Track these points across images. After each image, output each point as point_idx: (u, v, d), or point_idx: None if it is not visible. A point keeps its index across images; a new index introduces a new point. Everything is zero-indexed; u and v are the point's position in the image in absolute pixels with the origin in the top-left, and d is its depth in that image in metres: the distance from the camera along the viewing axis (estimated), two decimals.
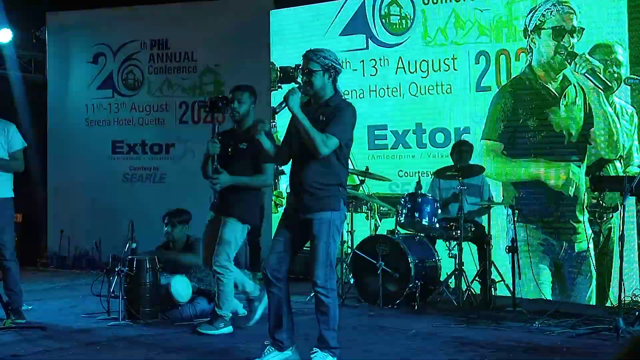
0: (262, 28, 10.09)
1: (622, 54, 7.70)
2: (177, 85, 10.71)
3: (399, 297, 7.05)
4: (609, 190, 6.52)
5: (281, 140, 5.13)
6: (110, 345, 5.47)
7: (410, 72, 9.21)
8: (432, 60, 9.05)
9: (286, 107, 4.59)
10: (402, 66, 9.23)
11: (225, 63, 10.47)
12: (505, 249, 7.14)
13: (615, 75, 7.73)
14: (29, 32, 11.19)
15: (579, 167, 7.87)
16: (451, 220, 7.26)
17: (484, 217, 7.42)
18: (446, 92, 8.97)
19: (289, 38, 9.93)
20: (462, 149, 7.63)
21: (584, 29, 7.95)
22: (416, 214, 7.22)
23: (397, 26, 9.44)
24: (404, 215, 7.30)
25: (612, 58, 7.74)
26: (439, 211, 7.32)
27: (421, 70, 9.14)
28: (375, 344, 5.49)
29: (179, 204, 7.50)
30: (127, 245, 6.51)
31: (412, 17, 9.30)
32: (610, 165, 7.70)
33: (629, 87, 7.70)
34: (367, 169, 7.85)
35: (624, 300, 6.02)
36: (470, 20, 8.83)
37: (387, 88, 9.28)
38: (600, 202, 7.40)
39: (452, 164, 7.52)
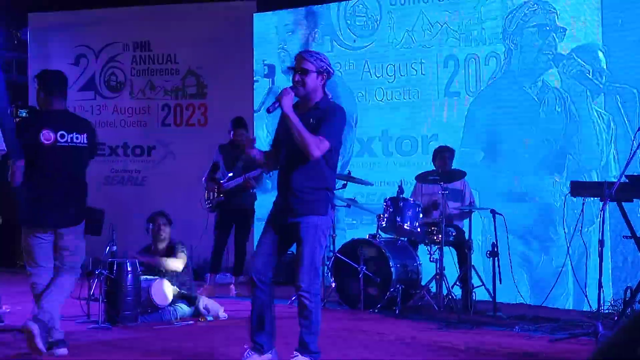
0: (246, 31, 10.09)
1: (601, 57, 7.66)
2: (160, 87, 10.68)
3: (380, 301, 7.06)
4: (589, 196, 6.55)
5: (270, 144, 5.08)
6: (89, 348, 5.44)
7: (377, 77, 9.01)
8: (399, 64, 8.84)
9: (278, 108, 4.57)
10: (367, 70, 9.03)
11: (208, 66, 10.46)
12: (486, 253, 7.16)
13: (596, 81, 7.73)
14: (10, 32, 11.12)
15: (558, 177, 7.81)
16: (432, 225, 7.28)
17: (465, 222, 7.45)
18: (414, 97, 8.75)
19: (272, 41, 9.91)
20: (444, 155, 7.65)
21: (566, 29, 7.86)
22: (398, 218, 7.23)
23: (363, 28, 9.26)
24: (385, 219, 7.31)
25: (591, 62, 7.69)
26: (421, 215, 7.34)
27: (388, 75, 8.94)
28: (355, 348, 5.49)
29: (159, 206, 7.47)
30: (108, 248, 6.48)
31: (378, 19, 9.09)
32: (585, 176, 7.66)
33: (603, 93, 7.69)
34: (349, 173, 7.86)
35: (603, 306, 6.06)
36: (439, 22, 8.60)
37: (352, 93, 9.10)
38: (580, 213, 7.42)
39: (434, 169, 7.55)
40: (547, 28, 8.00)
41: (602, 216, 5.57)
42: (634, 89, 7.50)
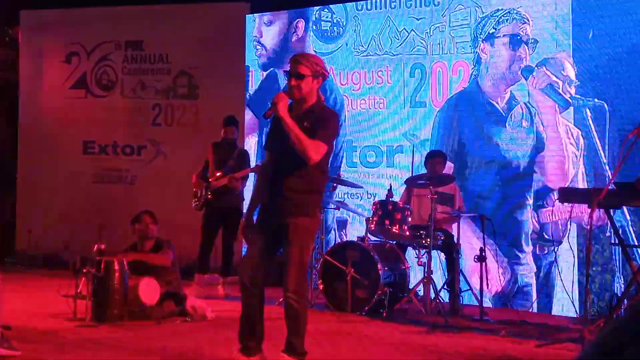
0: (238, 32, 10.09)
1: (569, 69, 7.56)
2: (151, 87, 10.67)
3: (368, 303, 7.06)
4: (577, 202, 6.59)
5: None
6: (76, 346, 5.43)
7: (342, 84, 8.87)
8: (365, 72, 8.69)
9: (274, 113, 4.58)
10: (332, 77, 8.80)
11: (200, 66, 10.46)
12: (474, 258, 7.19)
13: (565, 94, 7.61)
14: (2, 30, 11.09)
15: (528, 195, 7.74)
16: (421, 229, 7.30)
17: (455, 226, 7.47)
18: (379, 106, 8.61)
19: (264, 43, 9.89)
20: (435, 160, 7.65)
21: (538, 41, 7.74)
22: (387, 222, 7.25)
23: (329, 33, 9.13)
24: (374, 222, 7.33)
25: (561, 75, 7.60)
26: (409, 219, 7.36)
27: (353, 82, 8.80)
28: (342, 350, 5.49)
29: (149, 206, 7.47)
30: (96, 246, 6.47)
31: (344, 24, 8.96)
32: (553, 194, 7.65)
33: (573, 107, 7.58)
34: (339, 175, 7.87)
35: (589, 311, 6.09)
36: (406, 29, 8.44)
37: None
38: (544, 234, 7.45)
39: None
40: (519, 38, 7.87)
41: (590, 223, 5.60)
42: (603, 103, 7.44)
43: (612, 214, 6.02)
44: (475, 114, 8.10)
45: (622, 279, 7.02)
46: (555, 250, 7.38)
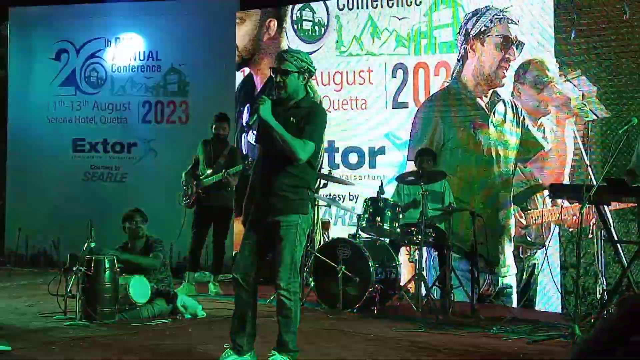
0: (228, 29, 10.05)
1: (553, 70, 7.52)
2: (141, 84, 10.63)
3: (359, 301, 7.05)
4: (568, 199, 6.60)
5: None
6: (66, 345, 5.40)
7: (323, 85, 8.79)
8: (347, 72, 8.60)
9: (258, 119, 4.57)
10: (314, 77, 8.76)
11: (190, 63, 10.42)
12: (465, 255, 7.19)
13: (549, 96, 7.53)
14: None
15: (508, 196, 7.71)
16: (412, 226, 7.29)
17: (446, 223, 7.46)
18: (361, 107, 8.53)
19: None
20: (425, 157, 7.64)
21: (524, 43, 7.65)
22: (377, 218, 7.24)
23: (310, 33, 9.03)
24: (365, 219, 7.32)
25: (544, 74, 7.55)
26: (401, 216, 7.35)
27: (335, 83, 8.72)
28: (333, 347, 5.49)
29: (139, 203, 7.44)
30: (86, 244, 6.44)
31: (325, 24, 8.86)
32: (539, 196, 7.63)
33: (555, 108, 7.52)
34: (330, 172, 7.86)
35: (580, 308, 6.10)
36: (388, 29, 8.35)
37: None
38: (527, 237, 7.45)
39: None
40: (509, 39, 7.78)
41: (580, 220, 5.61)
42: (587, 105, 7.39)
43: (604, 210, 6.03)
44: (457, 112, 8.04)
45: (605, 282, 7.04)
46: (546, 250, 7.37)
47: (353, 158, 8.53)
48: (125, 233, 6.93)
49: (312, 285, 7.35)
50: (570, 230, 7.28)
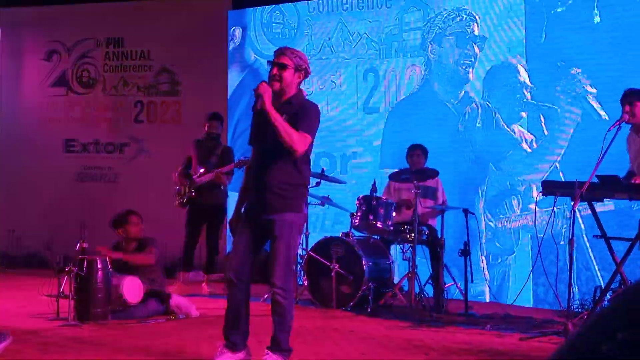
0: (220, 28, 10.05)
1: (524, 74, 7.49)
2: (133, 83, 10.61)
3: (352, 299, 7.06)
4: (560, 195, 6.60)
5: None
6: (59, 346, 5.38)
7: None
8: (318, 76, 8.54)
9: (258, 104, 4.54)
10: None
11: (182, 62, 10.41)
12: (458, 252, 7.19)
13: (522, 99, 7.52)
14: None
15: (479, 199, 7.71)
16: (405, 223, 7.30)
17: (438, 221, 7.47)
18: (332, 112, 8.49)
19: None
20: (417, 153, 7.63)
21: (486, 37, 7.61)
22: (370, 217, 7.24)
23: (280, 36, 8.94)
24: (358, 218, 7.32)
25: (515, 78, 7.52)
26: (394, 214, 7.35)
27: (305, 87, 8.73)
28: (327, 346, 5.48)
29: (131, 203, 7.43)
30: (78, 244, 6.42)
31: (296, 27, 8.81)
32: (507, 201, 7.61)
33: (527, 111, 7.49)
34: (323, 170, 7.84)
35: (573, 304, 6.11)
36: (359, 32, 8.28)
37: None
38: (497, 244, 7.45)
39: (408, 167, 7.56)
40: (467, 37, 7.75)
41: (572, 216, 5.61)
42: (556, 107, 7.40)
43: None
44: (427, 116, 8.00)
45: (577, 289, 7.07)
46: (539, 243, 7.38)
47: (325, 164, 8.48)
48: (121, 234, 6.91)
49: (305, 284, 7.35)
50: (540, 236, 7.31)
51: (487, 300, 7.78)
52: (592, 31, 7.26)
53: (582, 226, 6.94)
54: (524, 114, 7.57)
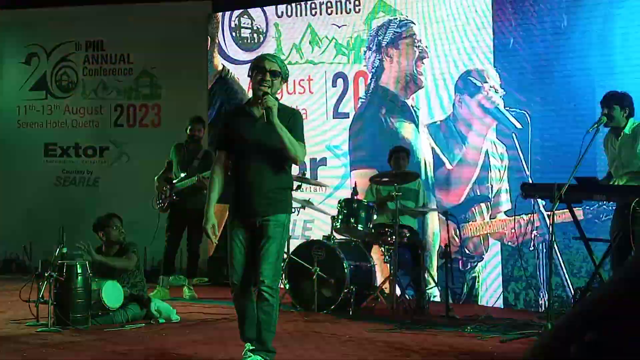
0: (201, 32, 10.03)
1: (495, 79, 7.50)
2: (113, 87, 10.57)
3: (334, 302, 7.06)
4: (539, 198, 6.64)
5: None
6: (39, 351, 5.35)
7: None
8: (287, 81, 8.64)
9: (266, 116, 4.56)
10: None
11: (162, 66, 10.38)
12: (439, 254, 7.21)
13: (492, 106, 7.54)
14: None
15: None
16: (386, 226, 7.31)
17: (419, 223, 7.49)
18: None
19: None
20: (399, 155, 7.64)
21: (436, 39, 7.59)
22: (352, 220, 7.24)
23: (248, 40, 8.93)
24: (339, 221, 7.32)
25: (484, 85, 7.54)
26: (375, 217, 7.36)
27: None
28: (308, 349, 5.48)
29: (112, 208, 7.39)
30: (57, 249, 6.38)
31: (264, 31, 8.78)
32: (476, 209, 7.63)
33: (497, 118, 7.50)
34: (304, 174, 7.85)
35: (553, 306, 6.15)
36: (327, 37, 8.26)
37: None
38: (466, 249, 7.49)
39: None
40: (419, 41, 7.72)
41: (552, 219, 5.65)
42: (526, 113, 7.41)
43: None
44: (388, 117, 8.01)
45: (546, 295, 7.10)
46: (519, 245, 7.43)
47: (294, 169, 8.46)
48: (101, 239, 6.87)
49: (286, 287, 7.34)
50: (509, 243, 7.38)
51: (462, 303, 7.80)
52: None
53: (550, 230, 6.97)
54: (493, 124, 7.57)
